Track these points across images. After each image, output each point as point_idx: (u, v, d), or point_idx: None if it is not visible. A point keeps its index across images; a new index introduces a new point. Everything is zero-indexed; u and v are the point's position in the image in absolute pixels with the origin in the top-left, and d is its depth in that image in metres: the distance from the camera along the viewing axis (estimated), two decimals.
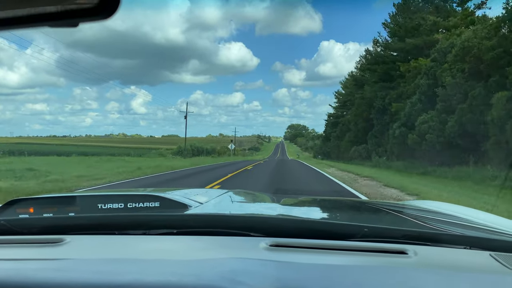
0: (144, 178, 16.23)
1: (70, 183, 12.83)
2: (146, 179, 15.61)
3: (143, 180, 15.16)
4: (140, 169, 20.33)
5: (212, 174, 18.53)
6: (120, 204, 1.47)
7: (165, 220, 1.26)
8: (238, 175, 17.66)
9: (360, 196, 9.96)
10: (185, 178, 16.37)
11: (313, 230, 1.18)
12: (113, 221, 1.25)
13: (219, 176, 16.48)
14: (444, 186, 12.93)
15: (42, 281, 0.77)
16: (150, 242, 1.14)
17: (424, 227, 1.36)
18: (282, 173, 20.00)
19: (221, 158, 52.92)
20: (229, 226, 1.19)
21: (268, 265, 0.88)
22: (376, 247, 1.05)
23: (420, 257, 0.98)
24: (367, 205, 2.40)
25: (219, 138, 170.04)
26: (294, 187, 12.35)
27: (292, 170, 22.79)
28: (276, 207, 2.05)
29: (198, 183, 13.47)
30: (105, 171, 17.95)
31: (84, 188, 11.70)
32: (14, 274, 0.82)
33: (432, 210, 1.88)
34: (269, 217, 1.42)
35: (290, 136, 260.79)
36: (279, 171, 21.18)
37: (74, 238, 1.12)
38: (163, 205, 1.49)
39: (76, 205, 1.57)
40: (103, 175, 16.05)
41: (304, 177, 17.36)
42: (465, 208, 2.04)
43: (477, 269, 0.94)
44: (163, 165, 25.75)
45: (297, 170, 22.99)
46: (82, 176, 15.13)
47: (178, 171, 20.79)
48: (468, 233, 1.26)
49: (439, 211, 1.84)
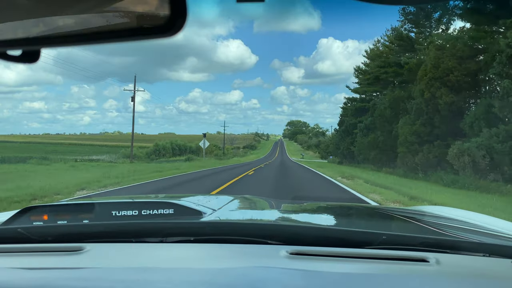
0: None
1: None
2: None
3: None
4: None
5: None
6: (135, 211, 1.44)
7: (183, 228, 1.25)
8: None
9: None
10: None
11: (332, 238, 1.17)
12: (130, 228, 1.25)
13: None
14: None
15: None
16: (168, 250, 1.13)
17: (442, 235, 1.33)
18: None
19: (194, 163, 37.43)
20: (248, 234, 1.18)
21: (291, 274, 0.87)
22: (396, 255, 1.04)
23: (442, 265, 0.97)
24: (380, 211, 2.37)
25: (215, 135, 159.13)
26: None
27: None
28: (292, 214, 2.01)
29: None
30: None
31: None
32: (37, 283, 0.82)
33: (447, 217, 1.87)
34: (288, 225, 1.44)
35: (289, 134, 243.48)
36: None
37: (94, 246, 1.12)
38: (178, 212, 1.46)
39: (90, 212, 1.52)
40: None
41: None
42: (480, 214, 2.06)
43: (499, 277, 0.94)
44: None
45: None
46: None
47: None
48: (488, 241, 1.27)
49: (454, 217, 1.84)
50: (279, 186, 13.66)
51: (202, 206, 1.60)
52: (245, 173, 20.64)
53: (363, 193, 11.88)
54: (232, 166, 31.98)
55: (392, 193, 11.55)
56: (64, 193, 10.58)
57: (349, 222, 1.88)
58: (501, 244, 1.20)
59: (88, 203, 1.64)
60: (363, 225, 1.75)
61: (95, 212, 1.52)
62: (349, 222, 1.88)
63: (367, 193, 11.84)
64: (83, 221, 1.41)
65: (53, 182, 13.01)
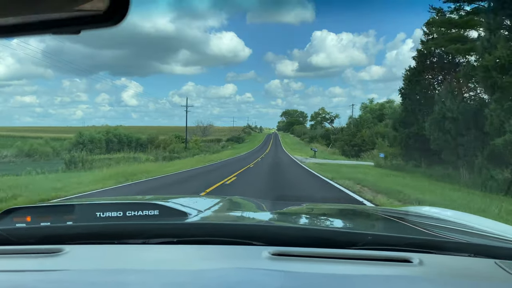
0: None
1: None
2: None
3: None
4: None
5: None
6: (119, 212, 1.41)
7: (166, 229, 1.24)
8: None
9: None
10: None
11: (315, 238, 1.16)
12: (112, 230, 1.24)
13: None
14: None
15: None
16: (150, 251, 1.12)
17: (428, 235, 1.33)
18: None
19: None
20: (231, 235, 1.18)
21: (272, 275, 0.87)
22: (380, 256, 1.04)
23: (425, 266, 0.97)
24: (369, 212, 2.35)
25: (202, 127, 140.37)
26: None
27: None
28: (277, 215, 1.94)
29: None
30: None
31: None
32: (13, 286, 0.82)
33: (434, 217, 1.88)
34: (270, 226, 1.46)
35: (284, 127, 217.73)
36: None
37: (73, 248, 1.11)
38: (163, 213, 1.43)
39: (74, 214, 1.51)
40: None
41: None
42: (468, 214, 2.06)
43: (483, 277, 0.94)
44: None
45: None
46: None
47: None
48: (472, 241, 1.27)
49: (441, 217, 1.85)
50: None
51: (188, 207, 1.58)
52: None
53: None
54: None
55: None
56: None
57: (335, 223, 1.83)
58: (486, 244, 1.21)
59: (72, 205, 1.61)
60: (349, 226, 1.70)
61: (79, 214, 1.49)
62: (335, 223, 1.83)
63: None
64: (66, 223, 1.38)
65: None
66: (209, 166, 27.71)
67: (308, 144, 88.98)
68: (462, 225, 1.64)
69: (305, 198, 10.26)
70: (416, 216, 1.90)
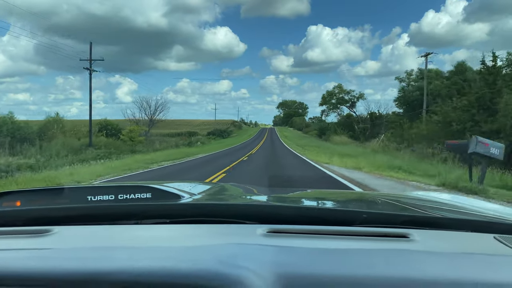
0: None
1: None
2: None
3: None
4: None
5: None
6: (111, 195, 1.38)
7: (158, 210, 1.22)
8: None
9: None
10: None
11: (311, 217, 1.17)
12: (104, 211, 1.23)
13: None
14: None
15: (23, 270, 0.76)
16: (143, 230, 1.11)
17: (424, 213, 1.32)
18: None
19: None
20: (225, 215, 1.18)
21: (267, 250, 0.86)
22: (377, 232, 1.03)
23: (422, 241, 0.97)
24: (366, 195, 2.36)
25: (190, 121, 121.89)
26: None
27: None
28: (273, 197, 1.98)
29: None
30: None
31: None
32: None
33: (430, 199, 1.87)
34: (266, 205, 1.44)
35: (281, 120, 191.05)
36: None
37: (62, 228, 1.09)
38: (155, 196, 1.40)
39: (65, 198, 1.48)
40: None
41: None
42: (467, 198, 2.09)
43: (481, 251, 0.93)
44: None
45: None
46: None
47: None
48: (470, 218, 1.26)
49: (439, 200, 1.85)
50: None
51: (181, 190, 1.52)
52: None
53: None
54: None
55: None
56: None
57: (331, 203, 1.79)
58: (484, 220, 1.21)
59: (63, 188, 1.57)
60: (345, 206, 1.71)
61: (70, 197, 1.48)
62: (331, 203, 1.79)
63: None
64: (58, 206, 1.35)
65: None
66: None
67: (319, 138, 62.02)
68: (461, 207, 1.63)
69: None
70: (412, 199, 1.89)
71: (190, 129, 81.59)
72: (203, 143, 51.52)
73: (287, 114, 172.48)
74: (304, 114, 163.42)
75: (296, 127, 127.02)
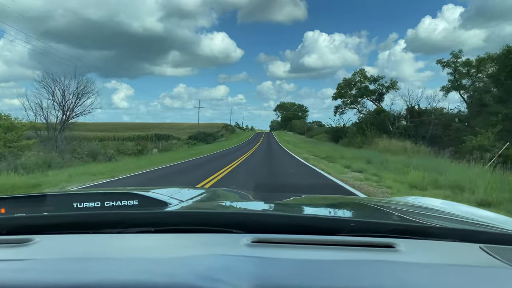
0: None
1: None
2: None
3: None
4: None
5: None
6: (97, 202, 1.37)
7: (143, 218, 1.19)
8: None
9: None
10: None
11: (297, 225, 1.12)
12: (87, 219, 1.19)
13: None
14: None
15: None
16: (125, 240, 1.09)
17: (412, 221, 1.32)
18: None
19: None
20: (210, 223, 1.15)
21: (248, 262, 0.85)
22: (362, 242, 1.02)
23: (408, 251, 0.96)
24: (354, 201, 2.33)
25: (176, 124, 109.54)
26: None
27: None
28: (260, 204, 1.93)
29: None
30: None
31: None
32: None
33: (419, 205, 1.88)
34: (250, 213, 1.41)
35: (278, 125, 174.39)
36: None
37: (44, 238, 1.06)
38: (142, 203, 1.40)
39: (51, 205, 1.48)
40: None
41: None
42: (455, 203, 2.07)
43: (467, 261, 0.93)
44: None
45: None
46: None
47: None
48: (457, 226, 1.28)
49: (426, 206, 1.85)
50: None
51: (169, 197, 1.52)
52: None
53: None
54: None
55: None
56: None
57: (318, 211, 1.75)
58: (471, 229, 1.20)
59: (49, 195, 1.56)
60: (332, 213, 1.63)
61: (56, 204, 1.46)
62: (318, 211, 1.75)
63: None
64: (42, 214, 1.34)
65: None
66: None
67: (333, 143, 44.79)
68: (447, 213, 1.62)
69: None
70: (401, 204, 1.88)
71: (170, 132, 65.63)
72: (168, 150, 34.72)
73: (286, 117, 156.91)
74: (304, 117, 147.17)
75: (297, 131, 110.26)
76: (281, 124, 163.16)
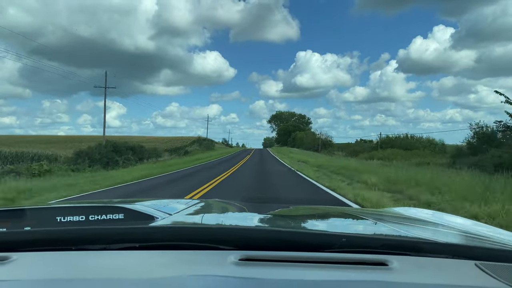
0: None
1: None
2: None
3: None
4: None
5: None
6: (81, 216, 1.33)
7: (127, 234, 1.15)
8: None
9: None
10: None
11: (287, 241, 1.09)
12: (70, 235, 1.13)
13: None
14: None
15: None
16: (108, 258, 1.05)
17: (405, 236, 1.29)
18: None
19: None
20: (197, 239, 1.11)
21: (233, 283, 0.82)
22: (355, 259, 0.99)
23: (402, 269, 0.93)
24: (346, 213, 2.22)
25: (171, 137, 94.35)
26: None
27: None
28: (251, 217, 1.88)
29: None
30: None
31: None
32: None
33: (412, 217, 1.85)
34: (238, 228, 1.37)
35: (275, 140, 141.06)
36: None
37: (22, 255, 1.01)
38: (128, 216, 1.37)
39: (33, 219, 1.43)
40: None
41: None
42: (446, 214, 2.05)
43: (463, 281, 0.90)
44: None
45: None
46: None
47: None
48: (451, 241, 1.26)
49: (420, 218, 1.84)
50: None
51: (157, 210, 1.49)
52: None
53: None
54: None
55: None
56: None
57: (310, 224, 1.73)
58: (465, 245, 1.19)
59: (31, 209, 1.51)
60: (324, 227, 1.65)
61: (38, 218, 1.43)
62: (310, 224, 1.73)
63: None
64: (24, 228, 1.28)
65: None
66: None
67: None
68: (440, 225, 1.61)
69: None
70: (393, 216, 1.85)
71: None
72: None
73: (284, 130, 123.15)
74: (305, 129, 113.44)
75: (304, 147, 75.88)
76: (278, 139, 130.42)
